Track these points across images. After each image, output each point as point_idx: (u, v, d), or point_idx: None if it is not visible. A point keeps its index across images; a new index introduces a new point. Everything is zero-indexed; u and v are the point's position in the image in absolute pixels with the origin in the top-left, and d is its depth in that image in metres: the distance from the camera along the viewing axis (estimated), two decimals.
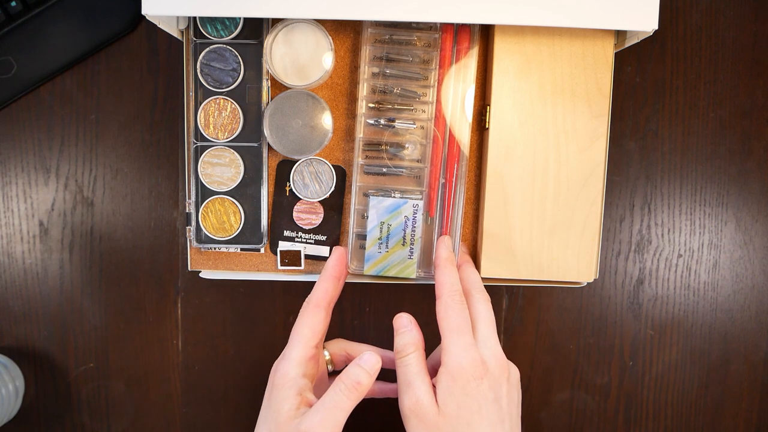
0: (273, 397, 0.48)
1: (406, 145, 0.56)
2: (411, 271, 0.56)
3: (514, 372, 0.50)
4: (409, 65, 0.56)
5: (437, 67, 0.55)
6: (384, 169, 0.56)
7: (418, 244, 0.56)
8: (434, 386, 0.48)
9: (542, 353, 0.65)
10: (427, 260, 0.57)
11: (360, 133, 0.56)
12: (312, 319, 0.51)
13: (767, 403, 0.65)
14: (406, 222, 0.55)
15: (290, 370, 0.48)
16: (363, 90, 0.56)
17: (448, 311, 0.49)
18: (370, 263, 0.56)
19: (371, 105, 0.56)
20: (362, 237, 0.56)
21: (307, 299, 0.52)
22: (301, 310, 0.52)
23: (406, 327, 0.50)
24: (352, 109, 0.58)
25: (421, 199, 0.56)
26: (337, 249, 0.55)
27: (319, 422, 0.45)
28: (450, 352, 0.48)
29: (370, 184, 0.57)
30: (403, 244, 0.56)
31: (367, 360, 0.48)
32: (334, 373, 0.56)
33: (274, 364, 0.50)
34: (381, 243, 0.55)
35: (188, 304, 0.64)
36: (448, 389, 0.47)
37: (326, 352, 0.56)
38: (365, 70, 0.56)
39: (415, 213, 0.55)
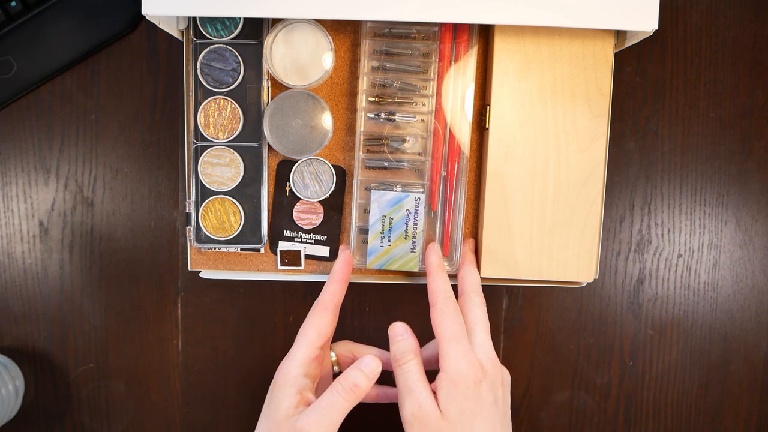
0: (274, 395, 0.49)
1: (407, 139, 0.56)
2: (414, 265, 0.56)
3: (507, 375, 0.51)
4: (409, 58, 0.56)
5: (437, 60, 0.56)
6: (385, 163, 0.56)
7: (420, 238, 0.56)
8: (434, 392, 0.48)
9: (542, 353, 0.65)
10: None
11: (361, 128, 0.56)
12: (318, 321, 0.51)
13: (767, 403, 0.65)
14: (408, 215, 0.55)
15: (292, 369, 0.49)
16: (363, 84, 0.56)
17: (444, 318, 0.49)
18: (373, 257, 0.56)
19: (371, 99, 0.56)
20: (364, 231, 0.56)
21: (315, 301, 0.52)
22: (309, 312, 0.52)
23: (402, 335, 0.51)
24: (353, 107, 0.58)
25: (423, 192, 0.56)
26: (343, 251, 0.55)
27: (315, 421, 0.46)
28: (449, 358, 0.48)
29: (372, 178, 0.57)
30: (406, 238, 0.56)
31: (367, 364, 0.48)
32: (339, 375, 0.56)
33: (280, 364, 0.50)
34: (383, 237, 0.56)
35: (188, 304, 0.64)
36: (449, 394, 0.47)
37: (333, 354, 0.56)
38: (365, 64, 0.56)
39: (417, 206, 0.55)
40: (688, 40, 0.63)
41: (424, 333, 0.51)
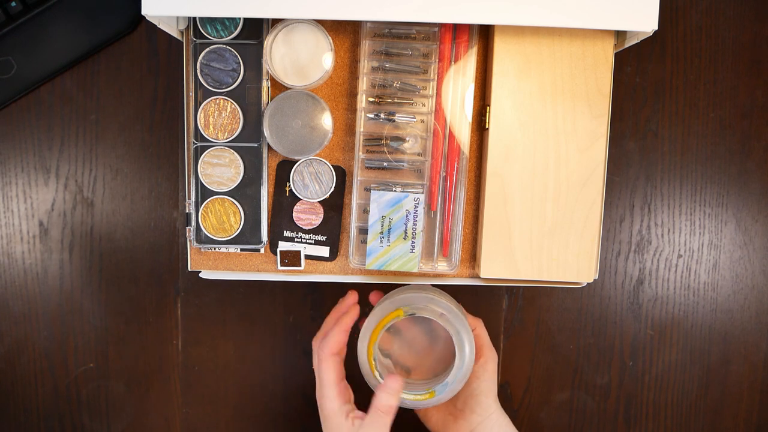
0: (329, 427, 0.53)
1: (407, 139, 0.56)
2: (413, 265, 0.56)
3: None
4: (409, 59, 0.56)
5: (437, 60, 0.56)
6: (385, 164, 0.56)
7: (419, 238, 0.56)
8: None
9: (542, 353, 0.65)
10: (429, 254, 0.57)
11: (360, 128, 0.56)
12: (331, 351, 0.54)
13: (767, 403, 0.65)
14: (407, 216, 0.55)
15: (334, 406, 0.52)
16: (363, 84, 0.56)
17: None
18: (372, 257, 0.56)
19: (371, 99, 0.56)
20: (364, 231, 0.56)
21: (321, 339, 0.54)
22: (316, 345, 0.54)
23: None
24: (353, 107, 0.58)
25: (422, 192, 0.56)
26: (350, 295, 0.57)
27: None
28: None
29: (372, 179, 0.57)
30: (405, 238, 0.56)
31: (391, 386, 0.51)
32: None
33: (320, 402, 0.53)
34: (382, 237, 0.56)
35: (188, 304, 0.64)
36: None
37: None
38: (365, 65, 0.56)
39: (417, 207, 0.55)
40: (688, 40, 0.63)
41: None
